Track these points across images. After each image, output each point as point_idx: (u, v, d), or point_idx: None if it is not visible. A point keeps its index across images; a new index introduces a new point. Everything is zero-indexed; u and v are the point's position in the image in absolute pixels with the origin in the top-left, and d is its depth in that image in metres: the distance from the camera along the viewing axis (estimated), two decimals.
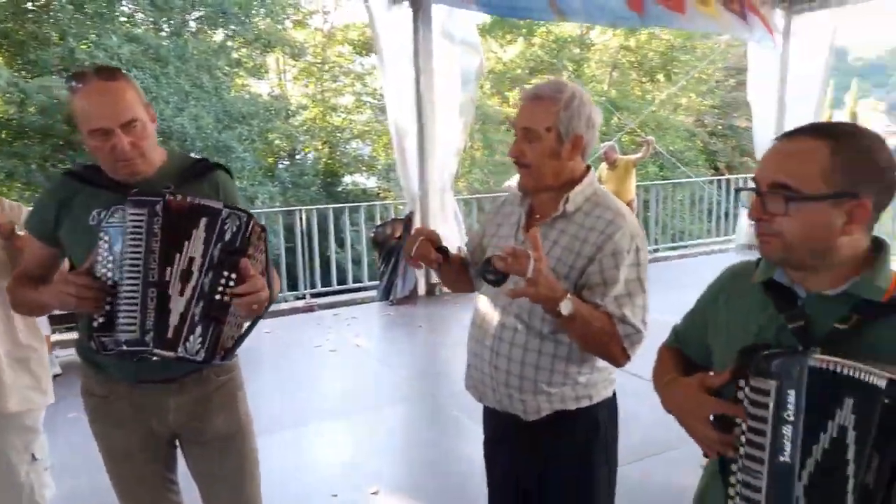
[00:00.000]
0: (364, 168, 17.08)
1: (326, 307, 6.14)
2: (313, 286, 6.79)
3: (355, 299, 6.38)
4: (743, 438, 0.99)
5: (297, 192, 14.32)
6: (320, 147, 16.66)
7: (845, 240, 1.01)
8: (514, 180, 7.50)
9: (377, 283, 6.39)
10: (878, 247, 1.06)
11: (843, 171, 0.99)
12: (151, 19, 13.76)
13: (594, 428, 1.64)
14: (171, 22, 13.99)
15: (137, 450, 1.74)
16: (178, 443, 1.82)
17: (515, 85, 17.84)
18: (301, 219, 6.87)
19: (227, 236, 1.52)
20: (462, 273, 1.87)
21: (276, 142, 15.63)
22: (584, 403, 1.62)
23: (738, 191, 7.53)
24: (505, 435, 1.72)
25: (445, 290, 6.23)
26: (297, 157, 16.51)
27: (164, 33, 13.84)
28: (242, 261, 1.50)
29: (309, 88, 17.04)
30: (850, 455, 0.89)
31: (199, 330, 1.51)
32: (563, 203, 1.59)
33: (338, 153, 16.83)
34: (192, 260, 1.52)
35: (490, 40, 16.53)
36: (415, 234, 1.70)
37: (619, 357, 1.54)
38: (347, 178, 17.17)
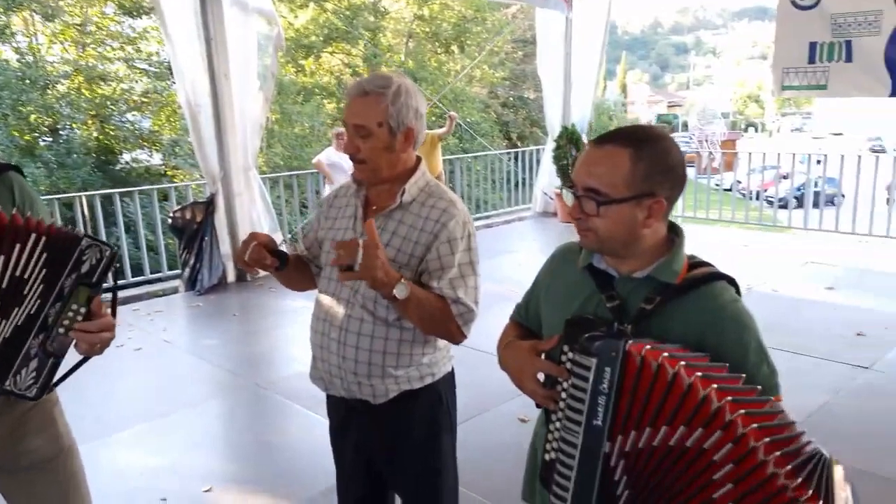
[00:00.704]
0: (145, 143, 15.79)
1: (122, 302, 5.74)
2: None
3: (156, 291, 6.03)
4: (564, 395, 1.22)
5: (65, 174, 12.90)
6: (89, 122, 15.08)
7: (647, 231, 1.25)
8: (323, 155, 7.52)
9: (179, 272, 6.11)
10: (675, 233, 1.32)
11: (643, 175, 1.21)
12: None
13: (438, 401, 1.82)
14: None
15: None
16: None
17: (310, 53, 17.54)
18: (82, 206, 6.29)
19: (85, 268, 1.41)
20: (302, 272, 1.93)
21: (34, 116, 13.88)
22: (428, 381, 1.78)
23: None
24: (354, 419, 1.84)
25: (257, 275, 6.12)
26: (62, 133, 14.78)
27: None
28: (96, 299, 1.42)
29: (69, 54, 15.29)
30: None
31: (34, 364, 1.40)
32: (399, 195, 1.71)
33: (111, 128, 15.37)
34: (20, 280, 1.39)
35: (280, 5, 16.04)
36: (248, 238, 1.72)
37: (455, 335, 1.72)
38: (126, 156, 15.78)
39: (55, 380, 1.48)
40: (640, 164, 1.21)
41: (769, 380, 1.23)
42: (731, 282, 1.29)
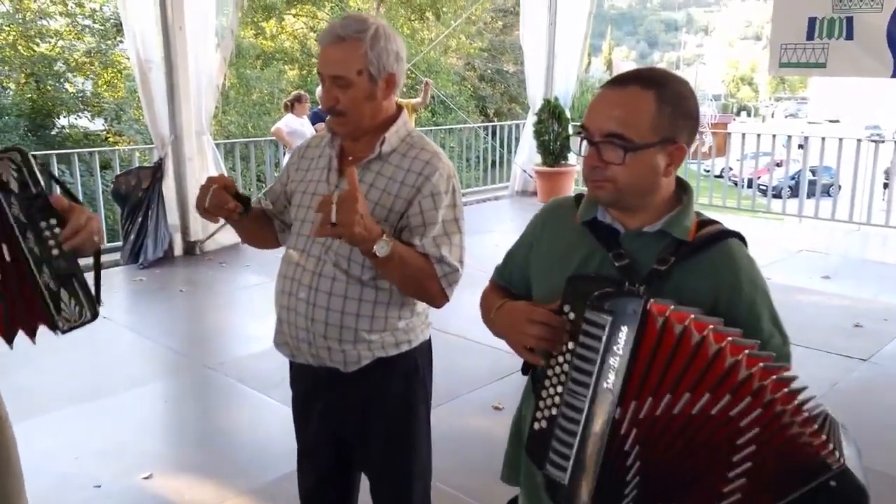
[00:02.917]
0: (86, 107, 15.45)
1: None
2: None
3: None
4: (561, 358, 1.17)
5: None
6: (23, 81, 14.71)
7: (664, 181, 1.24)
8: (282, 123, 7.45)
9: (121, 244, 5.97)
10: (685, 188, 1.31)
11: (667, 118, 1.19)
12: None
13: (414, 370, 1.78)
14: None
15: None
16: None
17: (273, 14, 17.30)
18: None
19: (14, 186, 1.38)
20: (265, 226, 1.88)
21: None
22: (404, 348, 1.74)
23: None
24: (321, 389, 1.79)
25: (207, 248, 6.03)
26: None
27: None
28: (52, 199, 1.41)
29: (5, 5, 14.86)
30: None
31: (64, 294, 1.43)
32: (379, 144, 1.66)
33: (49, 89, 15.00)
34: None
35: None
36: (207, 182, 1.67)
37: (437, 297, 1.68)
38: (63, 120, 15.44)
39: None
40: (664, 107, 1.19)
41: (782, 349, 1.23)
42: (742, 239, 1.28)
